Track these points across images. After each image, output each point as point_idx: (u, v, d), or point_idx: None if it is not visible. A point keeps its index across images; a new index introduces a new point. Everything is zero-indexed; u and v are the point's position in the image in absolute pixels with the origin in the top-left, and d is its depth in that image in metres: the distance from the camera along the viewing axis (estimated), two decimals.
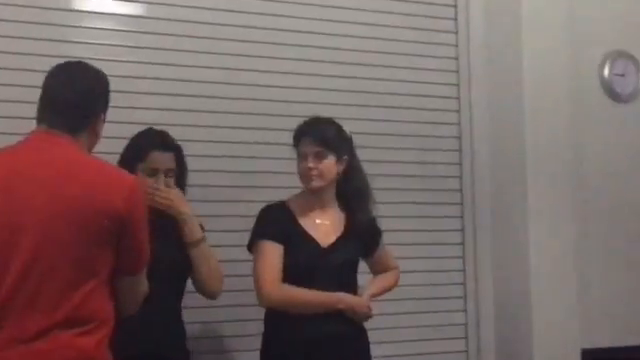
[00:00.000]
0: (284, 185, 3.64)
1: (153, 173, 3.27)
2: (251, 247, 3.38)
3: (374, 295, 3.48)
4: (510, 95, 4.37)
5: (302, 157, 3.38)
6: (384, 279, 3.61)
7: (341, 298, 3.34)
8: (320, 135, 3.35)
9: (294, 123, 3.48)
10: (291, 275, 3.30)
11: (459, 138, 4.48)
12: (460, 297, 4.45)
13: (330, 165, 3.37)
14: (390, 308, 3.88)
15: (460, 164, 4.48)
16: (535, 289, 4.24)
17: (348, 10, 4.28)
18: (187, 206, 3.31)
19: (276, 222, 3.36)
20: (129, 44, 3.86)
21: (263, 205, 3.45)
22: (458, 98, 4.49)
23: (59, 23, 3.73)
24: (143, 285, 2.69)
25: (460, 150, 4.48)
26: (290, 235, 3.33)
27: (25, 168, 2.52)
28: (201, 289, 3.37)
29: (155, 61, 3.88)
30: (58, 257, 2.46)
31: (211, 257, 3.34)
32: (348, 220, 3.44)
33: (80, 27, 3.78)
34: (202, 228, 3.36)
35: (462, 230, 4.47)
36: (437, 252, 4.34)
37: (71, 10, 3.79)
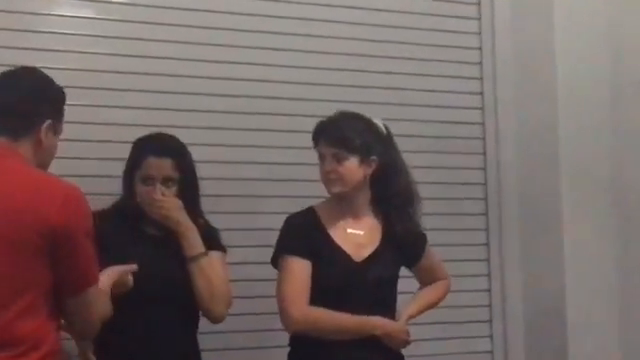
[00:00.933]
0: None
1: (148, 181, 3.09)
2: (275, 262, 3.18)
3: (413, 316, 3.29)
4: (541, 93, 4.19)
5: (321, 159, 3.17)
6: (428, 294, 3.40)
7: (376, 324, 3.13)
8: (337, 134, 3.13)
9: (313, 123, 3.27)
10: (320, 294, 3.09)
11: (483, 139, 4.30)
12: (486, 321, 4.26)
13: (352, 167, 3.13)
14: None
15: (484, 169, 4.30)
16: (571, 312, 4.06)
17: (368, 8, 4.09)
18: (185, 216, 3.11)
19: (303, 234, 3.15)
20: (109, 34, 3.67)
21: (284, 216, 3.23)
22: (482, 93, 4.29)
23: (25, 10, 3.55)
24: (96, 305, 2.55)
25: (484, 153, 4.29)
26: (319, 248, 3.13)
27: None
28: (203, 311, 3.16)
29: (143, 54, 3.70)
30: None
31: (214, 274, 3.11)
32: (385, 229, 3.22)
33: (51, 15, 3.60)
34: (220, 245, 3.24)
35: (487, 244, 4.27)
36: (461, 269, 3.98)
37: None
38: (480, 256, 4.23)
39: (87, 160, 3.50)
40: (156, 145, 3.14)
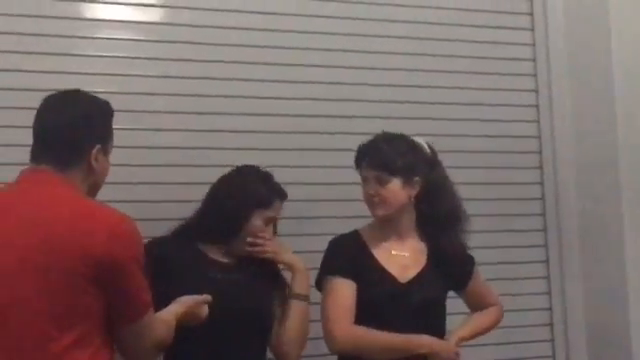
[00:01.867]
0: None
1: (269, 222, 3.16)
2: (319, 284, 3.17)
3: (464, 339, 3.23)
4: (598, 101, 4.07)
5: (364, 182, 3.16)
6: (481, 318, 3.33)
7: (423, 342, 3.07)
8: (379, 157, 3.12)
9: (357, 142, 3.24)
10: (365, 316, 3.06)
11: (539, 153, 4.19)
12: (549, 340, 4.14)
13: (395, 190, 3.11)
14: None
15: (542, 184, 4.18)
16: (636, 332, 3.90)
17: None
18: (297, 257, 3.22)
19: (347, 255, 3.14)
20: (147, 55, 3.62)
21: (327, 238, 3.22)
22: (537, 106, 4.19)
23: (63, 34, 3.52)
24: (150, 334, 2.54)
25: (541, 167, 4.19)
26: (363, 270, 3.10)
27: None
28: (280, 350, 3.17)
29: (178, 74, 3.64)
30: (24, 311, 2.35)
31: (307, 319, 3.16)
32: (430, 250, 3.20)
33: (85, 37, 3.56)
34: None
35: (547, 261, 4.16)
36: (519, 288, 4.01)
37: (78, 18, 3.57)
38: (540, 273, 4.16)
39: (130, 185, 3.49)
40: (281, 190, 3.19)
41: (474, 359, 3.48)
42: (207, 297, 2.80)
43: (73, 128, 2.52)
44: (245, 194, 3.13)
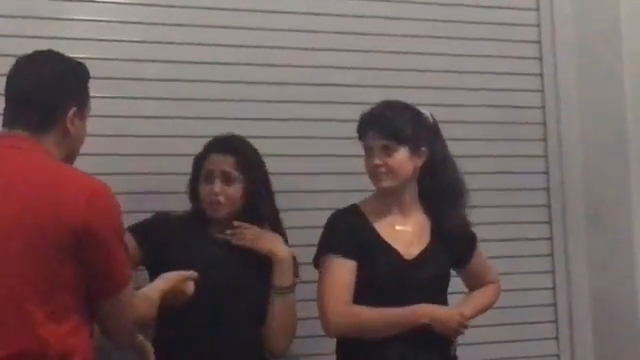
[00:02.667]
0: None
1: (208, 178, 3.12)
2: (317, 262, 3.12)
3: (469, 318, 3.15)
4: (606, 76, 4.00)
5: (368, 152, 3.11)
6: (479, 297, 3.29)
7: (423, 311, 3.02)
8: (387, 125, 3.05)
9: (354, 112, 3.19)
10: (368, 296, 3.01)
11: (544, 141, 4.11)
12: (552, 321, 4.06)
13: (402, 160, 3.05)
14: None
15: (545, 156, 4.11)
16: None
17: None
18: (282, 246, 3.15)
19: (349, 232, 3.09)
20: (135, 20, 3.53)
21: (326, 213, 3.16)
22: (542, 91, 4.11)
23: None
24: (130, 309, 2.50)
25: (545, 140, 4.11)
26: (366, 247, 3.05)
27: None
28: (268, 344, 3.17)
29: (166, 40, 3.55)
30: (1, 282, 2.32)
31: (293, 313, 3.15)
32: (434, 225, 3.16)
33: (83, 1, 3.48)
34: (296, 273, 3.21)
35: (550, 238, 4.08)
36: (521, 266, 3.96)
37: None
38: (543, 251, 4.08)
39: (115, 156, 3.42)
40: (219, 142, 3.18)
41: (474, 339, 3.46)
42: (193, 273, 2.76)
43: (47, 90, 2.48)
44: (193, 164, 3.21)
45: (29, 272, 2.31)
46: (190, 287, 2.76)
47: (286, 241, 3.19)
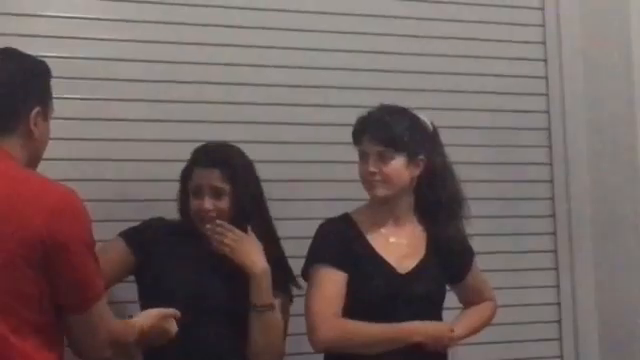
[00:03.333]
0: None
1: (197, 193, 3.09)
2: (306, 274, 3.10)
3: (461, 337, 3.15)
4: (612, 84, 3.95)
5: (363, 158, 3.09)
6: (474, 316, 3.24)
7: (415, 329, 2.99)
8: (384, 131, 3.02)
9: (349, 115, 3.16)
10: (358, 310, 2.99)
11: (549, 147, 4.04)
12: (556, 339, 3.97)
13: (399, 168, 3.02)
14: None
15: (551, 165, 4.02)
16: None
17: None
18: (259, 257, 3.05)
19: (339, 242, 3.06)
20: (114, 17, 3.47)
21: (317, 222, 3.15)
22: (547, 95, 4.03)
23: None
24: (102, 326, 2.44)
25: (550, 147, 4.02)
26: (357, 259, 3.03)
27: None
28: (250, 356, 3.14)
29: (146, 39, 3.49)
30: None
31: (274, 333, 3.07)
32: (429, 238, 3.14)
33: None
34: (285, 286, 3.15)
35: (555, 251, 3.99)
36: (525, 280, 3.88)
37: None
38: (547, 264, 4.00)
39: (86, 162, 3.37)
40: (202, 155, 3.15)
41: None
42: (175, 312, 2.78)
43: (7, 89, 2.44)
44: (181, 177, 3.19)
45: None
46: (172, 326, 2.76)
47: (279, 247, 3.17)
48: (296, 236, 3.24)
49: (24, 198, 2.31)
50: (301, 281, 3.13)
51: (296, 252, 3.15)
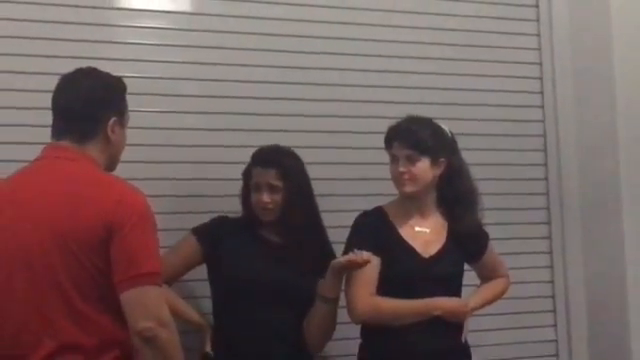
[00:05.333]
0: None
1: (257, 189, 3.21)
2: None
3: (476, 309, 3.25)
4: (599, 88, 3.99)
5: (393, 160, 3.19)
6: (488, 290, 3.36)
7: (437, 304, 3.11)
8: (411, 137, 3.15)
9: (379, 125, 3.26)
10: (389, 289, 3.10)
11: (544, 136, 4.10)
12: (550, 310, 4.04)
13: (424, 168, 3.14)
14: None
15: (545, 165, 4.10)
16: (632, 301, 3.85)
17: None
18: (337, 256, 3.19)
19: (372, 231, 3.17)
20: (176, 43, 3.57)
21: (353, 214, 3.23)
22: (542, 93, 4.11)
23: (97, 22, 3.44)
24: (155, 305, 2.36)
25: (545, 150, 4.10)
26: (388, 245, 3.14)
27: (12, 191, 2.48)
28: (308, 343, 3.21)
29: (205, 61, 3.58)
30: (51, 280, 2.34)
31: (334, 318, 3.17)
32: (450, 227, 3.24)
33: (117, 25, 3.49)
34: None
35: (549, 237, 4.07)
36: (523, 262, 3.89)
37: (111, 8, 3.49)
38: (543, 249, 4.07)
39: (155, 164, 3.44)
40: (260, 156, 3.26)
41: (481, 327, 3.54)
42: None
43: (89, 102, 2.53)
44: (243, 175, 3.30)
45: (76, 273, 2.34)
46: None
47: (327, 238, 3.27)
48: (338, 225, 3.29)
49: (97, 192, 2.40)
50: None
51: (339, 239, 3.21)
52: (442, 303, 3.10)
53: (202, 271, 3.25)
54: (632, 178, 3.88)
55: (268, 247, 3.22)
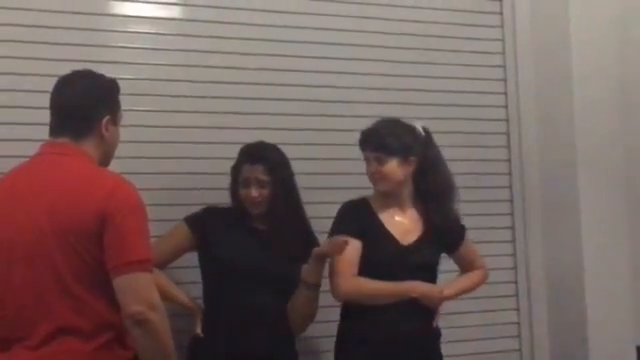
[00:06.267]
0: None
1: (246, 184, 3.25)
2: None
3: (450, 297, 3.29)
4: (559, 90, 4.04)
5: (367, 161, 3.27)
6: (464, 280, 3.40)
7: (413, 286, 3.17)
8: (378, 141, 3.21)
9: (357, 123, 3.35)
10: (369, 271, 3.17)
11: (507, 134, 4.16)
12: (513, 295, 4.10)
13: (392, 168, 3.20)
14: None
15: (509, 160, 4.14)
16: (589, 287, 3.89)
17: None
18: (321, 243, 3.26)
19: (356, 217, 3.24)
20: (165, 47, 3.60)
21: (334, 206, 3.30)
22: (505, 93, 4.17)
23: (91, 27, 3.48)
24: (145, 291, 2.38)
25: (508, 147, 4.15)
26: (370, 231, 3.21)
27: (12, 185, 2.51)
28: (291, 325, 3.31)
29: (196, 64, 3.62)
30: (49, 268, 2.37)
31: (316, 302, 3.24)
32: (427, 219, 3.30)
33: (113, 31, 3.54)
34: None
35: (512, 227, 4.13)
36: (488, 250, 3.77)
37: (106, 14, 3.54)
38: (506, 238, 4.13)
39: (148, 160, 3.48)
40: (248, 153, 3.30)
41: (449, 310, 3.53)
42: None
43: (84, 102, 2.56)
44: (232, 170, 3.33)
45: (69, 259, 2.36)
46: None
47: (310, 228, 3.32)
48: (325, 216, 3.34)
49: (90, 185, 2.42)
50: None
51: (322, 229, 3.29)
52: (420, 287, 3.16)
53: (192, 258, 3.28)
54: (589, 172, 3.91)
55: (255, 235, 3.26)
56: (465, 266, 3.42)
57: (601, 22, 4.00)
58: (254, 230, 3.28)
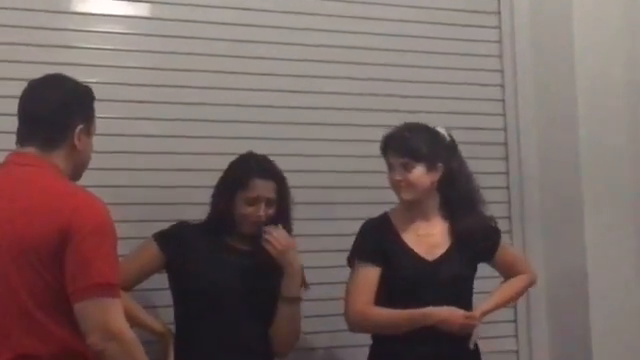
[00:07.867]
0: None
1: (253, 202, 3.12)
2: (349, 263, 3.23)
3: (488, 311, 3.21)
4: (561, 93, 4.05)
5: (390, 168, 3.20)
6: (505, 289, 3.33)
7: (427, 313, 3.07)
8: (405, 145, 3.15)
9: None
10: (395, 294, 3.12)
11: (505, 145, 4.15)
12: (512, 320, 4.10)
13: (419, 175, 3.14)
14: None
15: (507, 173, 4.15)
16: (593, 290, 3.92)
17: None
18: (297, 259, 3.15)
19: (376, 238, 3.19)
20: (131, 48, 3.54)
21: (357, 222, 3.27)
22: (503, 100, 4.15)
23: (53, 26, 3.43)
24: (113, 316, 2.32)
25: (507, 158, 4.15)
26: (390, 252, 3.16)
27: None
28: (273, 346, 3.21)
29: (163, 67, 3.56)
30: (7, 290, 2.32)
31: (297, 321, 3.19)
32: (455, 229, 3.22)
33: (76, 30, 3.48)
34: (305, 283, 3.22)
35: (510, 232, 4.08)
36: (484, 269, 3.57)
37: (65, 12, 3.49)
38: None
39: (118, 171, 3.41)
40: (262, 167, 3.16)
41: None
42: None
43: (56, 110, 2.48)
44: (226, 178, 3.17)
45: (22, 277, 2.31)
46: None
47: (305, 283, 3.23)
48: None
49: (57, 201, 2.36)
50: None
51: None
52: (436, 313, 3.05)
53: (161, 280, 3.18)
54: (593, 185, 3.91)
55: (235, 254, 3.15)
56: (506, 272, 3.33)
57: (608, 22, 3.98)
58: (233, 249, 3.16)
